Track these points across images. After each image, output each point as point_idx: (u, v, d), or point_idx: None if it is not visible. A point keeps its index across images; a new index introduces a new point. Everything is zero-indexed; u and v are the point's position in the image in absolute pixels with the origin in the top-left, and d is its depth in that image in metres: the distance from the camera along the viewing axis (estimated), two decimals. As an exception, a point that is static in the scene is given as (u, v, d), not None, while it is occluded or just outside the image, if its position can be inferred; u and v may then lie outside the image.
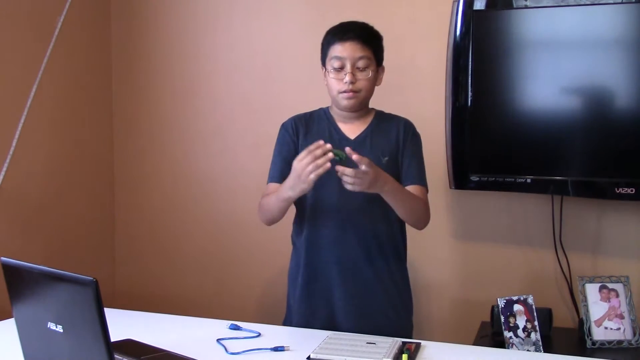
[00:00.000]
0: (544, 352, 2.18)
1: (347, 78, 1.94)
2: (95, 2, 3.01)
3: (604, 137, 2.26)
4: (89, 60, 2.98)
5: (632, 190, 2.18)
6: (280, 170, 2.01)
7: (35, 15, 2.66)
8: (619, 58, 2.22)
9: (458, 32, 2.35)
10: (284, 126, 2.09)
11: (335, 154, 1.76)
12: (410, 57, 2.66)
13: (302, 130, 2.05)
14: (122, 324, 1.89)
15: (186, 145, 3.03)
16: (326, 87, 2.03)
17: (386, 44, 2.83)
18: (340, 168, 1.75)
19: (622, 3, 2.18)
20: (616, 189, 2.21)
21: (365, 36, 1.98)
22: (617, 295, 2.28)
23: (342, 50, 1.95)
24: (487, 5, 2.33)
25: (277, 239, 2.91)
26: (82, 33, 2.93)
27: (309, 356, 1.66)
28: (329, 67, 1.99)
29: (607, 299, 2.29)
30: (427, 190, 2.01)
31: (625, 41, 2.20)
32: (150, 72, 3.06)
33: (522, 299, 2.25)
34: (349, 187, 1.76)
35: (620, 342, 2.24)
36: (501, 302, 2.24)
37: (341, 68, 1.95)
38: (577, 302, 2.43)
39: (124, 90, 3.10)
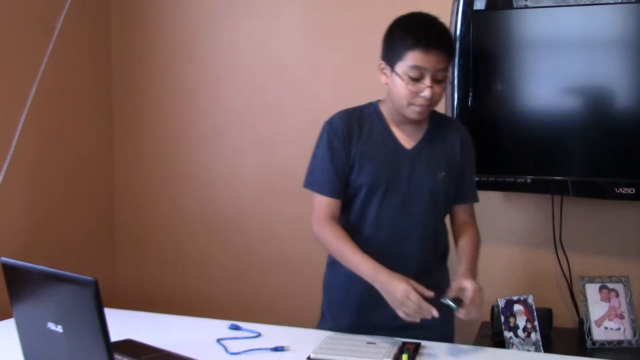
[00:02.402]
0: (544, 352, 2.18)
1: (427, 93, 1.75)
2: (95, 2, 3.00)
3: (604, 137, 2.26)
4: (89, 60, 2.98)
5: (632, 190, 2.18)
6: (332, 184, 1.86)
7: (35, 15, 2.65)
8: (619, 58, 2.22)
9: (458, 32, 2.34)
10: (332, 128, 1.89)
11: (448, 306, 1.70)
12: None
13: (356, 134, 1.87)
14: (122, 324, 1.89)
15: (186, 145, 3.02)
16: (385, 84, 1.85)
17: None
18: (463, 313, 1.69)
19: (622, 3, 2.18)
20: (616, 189, 2.20)
21: (448, 45, 1.79)
22: (617, 295, 2.28)
23: (424, 60, 1.75)
24: (487, 5, 2.33)
25: (278, 238, 2.92)
26: (82, 33, 2.93)
27: (309, 356, 1.66)
28: (400, 71, 1.77)
29: (607, 299, 2.29)
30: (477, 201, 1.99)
31: (625, 41, 2.20)
32: (150, 72, 3.05)
33: (522, 299, 2.25)
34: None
35: (620, 342, 2.24)
36: (501, 302, 2.24)
37: (419, 78, 1.76)
38: (577, 302, 2.43)
39: (124, 90, 3.10)
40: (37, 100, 2.52)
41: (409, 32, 1.78)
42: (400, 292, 1.69)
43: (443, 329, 1.90)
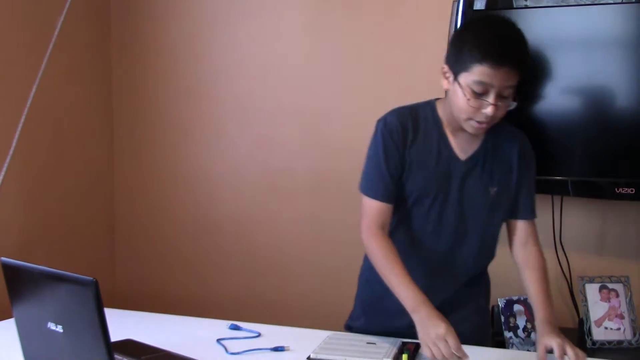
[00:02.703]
0: (544, 352, 2.18)
1: (490, 111, 1.64)
2: (95, 2, 3.00)
3: (604, 137, 2.26)
4: (89, 60, 2.98)
5: (632, 190, 2.18)
6: (386, 187, 1.76)
7: (35, 15, 2.65)
8: (619, 58, 2.22)
9: (458, 32, 2.34)
10: (387, 128, 1.77)
11: None
12: (411, 57, 2.66)
13: (410, 136, 1.76)
14: (122, 324, 1.89)
15: (186, 145, 3.02)
16: (445, 93, 1.75)
17: (386, 44, 2.84)
18: None
19: (622, 3, 2.18)
20: (616, 189, 2.20)
21: (521, 63, 1.65)
22: (617, 295, 2.28)
23: (493, 76, 1.62)
24: (487, 5, 2.32)
25: (278, 239, 2.92)
26: (82, 33, 2.92)
27: (309, 356, 1.66)
28: (464, 83, 1.65)
29: (607, 299, 2.29)
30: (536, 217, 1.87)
31: (625, 41, 2.20)
32: (150, 72, 3.05)
33: (522, 299, 2.25)
34: None
35: (620, 342, 2.24)
36: (501, 302, 2.24)
37: (483, 94, 1.64)
38: (577, 302, 2.43)
39: (124, 90, 3.10)
40: (37, 100, 2.52)
41: (480, 44, 1.63)
42: (441, 330, 1.56)
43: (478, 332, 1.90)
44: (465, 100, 1.66)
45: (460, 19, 2.33)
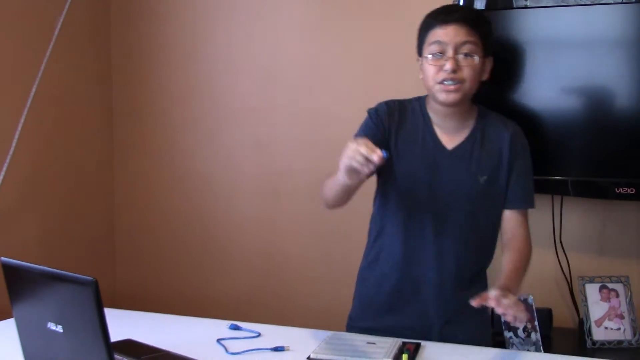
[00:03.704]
0: (544, 352, 2.18)
1: (449, 65, 1.69)
2: (95, 2, 3.01)
3: (604, 137, 2.26)
4: (89, 60, 2.98)
5: (632, 190, 2.18)
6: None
7: (35, 15, 2.65)
8: (619, 58, 2.22)
9: (458, 32, 2.34)
10: (373, 110, 1.82)
11: None
12: (411, 57, 2.65)
13: (395, 125, 1.80)
14: (122, 324, 1.89)
15: (187, 145, 3.02)
16: (422, 80, 1.79)
17: (386, 44, 2.83)
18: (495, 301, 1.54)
19: (622, 3, 2.18)
20: (616, 189, 2.20)
21: (472, 19, 1.73)
22: (617, 295, 2.28)
23: (443, 33, 1.71)
24: (487, 5, 2.33)
25: (278, 239, 2.92)
26: (82, 33, 2.93)
27: (309, 356, 1.66)
28: (426, 53, 1.74)
29: (607, 299, 2.29)
30: (532, 206, 1.83)
31: (625, 41, 2.20)
32: (150, 72, 3.05)
33: (522, 299, 2.25)
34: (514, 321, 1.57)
35: (620, 342, 2.24)
36: (501, 302, 2.24)
37: (441, 54, 1.71)
38: (577, 302, 2.43)
39: (124, 90, 3.10)
40: (37, 100, 2.52)
41: (430, 14, 1.79)
42: (352, 143, 1.51)
43: (476, 330, 1.90)
44: (428, 66, 1.74)
45: (460, 19, 2.33)
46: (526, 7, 2.27)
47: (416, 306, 1.86)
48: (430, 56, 1.73)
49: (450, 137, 1.80)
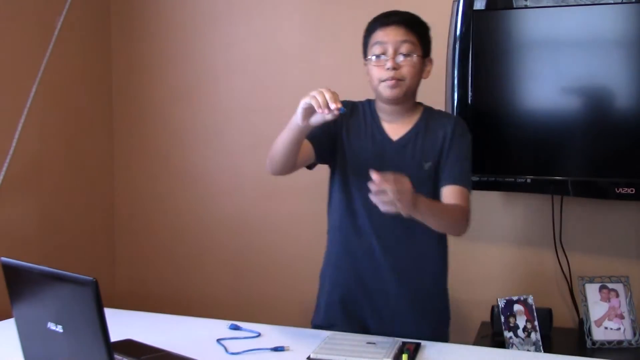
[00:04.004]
0: (544, 352, 2.18)
1: (389, 64, 1.81)
2: (95, 2, 3.01)
3: (604, 137, 2.26)
4: (89, 60, 2.98)
5: (632, 190, 2.18)
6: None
7: (35, 15, 2.66)
8: (619, 58, 2.22)
9: (458, 32, 2.34)
10: None
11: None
12: (410, 57, 2.66)
13: (345, 122, 1.92)
14: (122, 324, 1.89)
15: (186, 145, 3.02)
16: (368, 82, 1.91)
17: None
18: (377, 184, 1.58)
19: (622, 3, 2.18)
20: (616, 189, 2.20)
21: (409, 21, 1.86)
22: (617, 295, 2.28)
23: (383, 35, 1.84)
24: (487, 5, 2.33)
25: (278, 238, 2.92)
26: (82, 33, 2.93)
27: (309, 356, 1.66)
28: (370, 54, 1.87)
29: (607, 299, 2.29)
30: (469, 191, 1.86)
31: (625, 41, 2.20)
32: (150, 72, 3.06)
33: (522, 299, 2.25)
34: (384, 206, 1.61)
35: (620, 342, 2.24)
36: (501, 302, 2.24)
37: (383, 54, 1.84)
38: (577, 302, 2.43)
39: (124, 90, 3.10)
40: (37, 100, 2.52)
41: (372, 20, 1.90)
42: (321, 87, 1.64)
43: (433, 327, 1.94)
44: (372, 67, 1.85)
45: (460, 19, 2.34)
46: (526, 7, 2.27)
47: (365, 298, 1.94)
48: (373, 58, 1.85)
49: (396, 130, 1.91)
